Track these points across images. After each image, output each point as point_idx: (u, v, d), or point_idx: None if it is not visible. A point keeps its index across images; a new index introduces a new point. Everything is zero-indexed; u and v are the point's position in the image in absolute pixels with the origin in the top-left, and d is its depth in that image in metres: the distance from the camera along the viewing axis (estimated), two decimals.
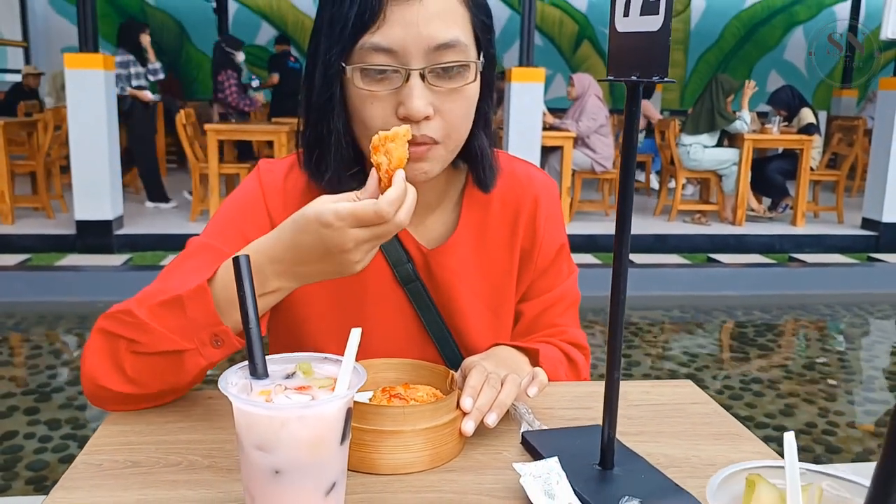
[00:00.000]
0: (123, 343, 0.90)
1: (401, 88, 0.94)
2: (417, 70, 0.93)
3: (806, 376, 4.17)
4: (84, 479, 0.79)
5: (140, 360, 0.90)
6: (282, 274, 0.86)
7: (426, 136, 0.95)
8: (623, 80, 0.73)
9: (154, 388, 0.92)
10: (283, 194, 1.09)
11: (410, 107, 0.93)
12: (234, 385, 0.65)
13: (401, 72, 0.93)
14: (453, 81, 0.96)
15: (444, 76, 0.95)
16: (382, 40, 0.92)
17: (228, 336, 0.87)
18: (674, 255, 6.45)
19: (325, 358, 0.70)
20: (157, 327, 0.87)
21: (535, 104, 6.25)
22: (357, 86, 0.95)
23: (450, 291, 1.13)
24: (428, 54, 0.93)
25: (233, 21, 12.25)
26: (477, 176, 1.09)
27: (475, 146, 1.06)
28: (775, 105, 7.45)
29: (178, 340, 0.87)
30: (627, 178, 0.74)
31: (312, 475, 0.62)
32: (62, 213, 6.78)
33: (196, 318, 0.86)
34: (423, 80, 0.94)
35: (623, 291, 0.75)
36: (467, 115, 1.00)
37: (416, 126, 0.94)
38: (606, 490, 0.76)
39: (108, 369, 0.92)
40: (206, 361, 0.88)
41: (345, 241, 0.80)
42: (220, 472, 0.81)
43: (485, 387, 0.88)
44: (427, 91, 0.94)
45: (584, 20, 13.00)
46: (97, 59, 5.80)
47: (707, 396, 1.05)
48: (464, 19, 0.96)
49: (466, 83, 0.97)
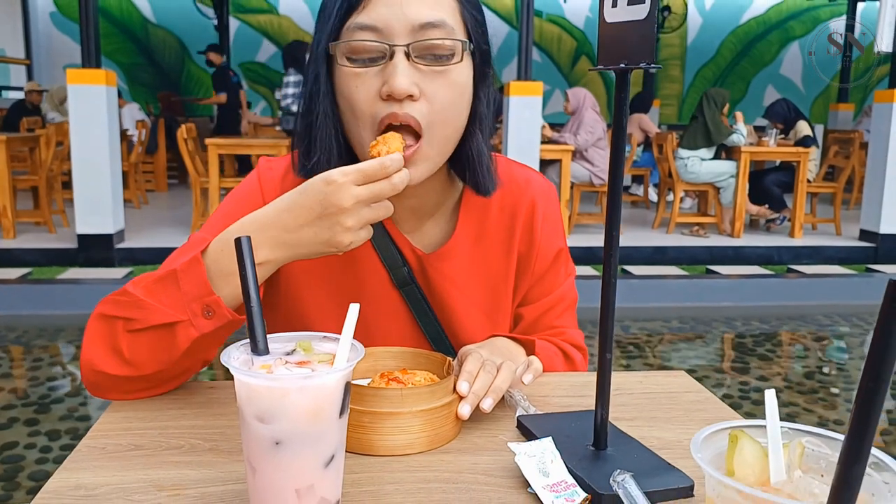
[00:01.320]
0: (120, 323, 0.92)
1: (385, 67, 0.95)
2: (402, 46, 0.94)
3: (805, 386, 4.18)
4: (88, 461, 0.80)
5: (135, 339, 0.91)
6: (270, 242, 0.88)
7: (409, 115, 0.95)
8: (612, 69, 0.75)
9: (149, 367, 0.93)
10: (280, 192, 1.10)
11: (393, 84, 0.93)
12: (237, 359, 0.67)
13: (385, 50, 0.95)
14: (440, 63, 0.96)
15: (429, 57, 0.96)
16: (367, 19, 0.94)
17: (219, 306, 0.88)
18: (673, 267, 6.47)
19: (325, 337, 0.72)
20: (152, 302, 0.89)
21: (533, 118, 6.30)
22: (343, 65, 0.97)
23: (446, 295, 1.14)
24: (413, 32, 0.95)
25: (234, 38, 12.34)
26: (474, 180, 1.08)
27: (470, 147, 1.05)
28: (772, 118, 7.50)
29: (171, 313, 0.88)
30: (617, 161, 0.76)
31: (312, 446, 0.64)
32: (63, 228, 6.81)
33: (189, 291, 0.88)
34: (408, 58, 0.95)
35: (614, 271, 0.77)
36: (455, 102, 0.99)
37: (400, 105, 0.94)
38: (600, 468, 0.78)
39: (105, 352, 0.93)
40: (198, 332, 0.88)
41: (342, 200, 0.83)
42: (222, 455, 0.82)
43: (481, 372, 0.90)
44: (412, 70, 0.95)
45: (583, 36, 13.09)
46: (99, 74, 5.84)
47: (700, 386, 1.07)
48: (451, 7, 0.98)
49: (452, 63, 0.97)
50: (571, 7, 12.82)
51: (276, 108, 12.64)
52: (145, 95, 12.22)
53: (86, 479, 0.77)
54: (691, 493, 0.76)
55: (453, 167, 1.11)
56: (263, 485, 0.65)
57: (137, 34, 12.48)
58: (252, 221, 0.89)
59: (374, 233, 1.11)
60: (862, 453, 0.42)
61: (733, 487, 0.45)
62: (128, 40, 12.48)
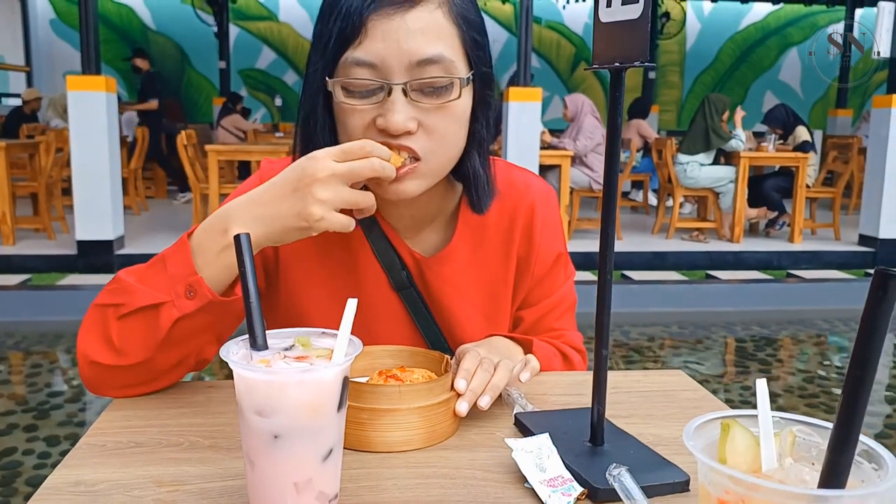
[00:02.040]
0: (110, 311, 0.93)
1: (383, 102, 0.95)
2: (399, 85, 0.94)
3: (806, 390, 4.18)
4: (88, 458, 0.81)
5: (124, 324, 0.92)
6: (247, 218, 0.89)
7: (408, 146, 0.95)
8: (607, 67, 0.76)
9: (137, 355, 0.93)
10: None
11: (390, 120, 0.93)
12: (236, 354, 0.68)
13: (383, 86, 0.94)
14: (438, 97, 0.96)
15: (427, 92, 0.95)
16: (363, 55, 0.93)
17: (201, 286, 0.89)
18: (672, 273, 6.48)
19: (324, 333, 0.73)
20: (140, 287, 0.90)
21: (532, 123, 6.32)
22: (339, 100, 0.96)
23: (445, 299, 1.15)
24: (410, 69, 0.94)
25: (233, 45, 12.38)
26: (470, 198, 1.09)
27: (468, 167, 1.05)
28: (771, 123, 7.52)
29: (155, 294, 0.90)
30: (613, 159, 0.77)
31: (310, 440, 0.64)
32: (63, 234, 6.81)
33: (175, 273, 0.89)
34: (405, 95, 0.94)
35: (610, 265, 0.78)
36: (455, 132, 0.99)
37: (397, 139, 0.95)
38: (596, 463, 0.78)
39: (97, 341, 0.94)
40: (179, 312, 0.89)
41: (318, 170, 0.85)
42: (221, 451, 0.83)
43: (478, 370, 0.91)
44: (410, 106, 0.95)
45: (581, 43, 13.14)
46: (99, 80, 5.86)
47: (697, 384, 1.08)
48: (451, 36, 0.96)
49: (450, 100, 0.96)
50: (570, 13, 12.87)
51: (275, 114, 12.68)
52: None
53: (85, 475, 0.77)
54: (687, 488, 0.76)
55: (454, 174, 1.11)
56: (262, 479, 0.65)
57: (137, 41, 12.52)
58: (236, 202, 0.91)
59: (373, 237, 1.12)
60: (850, 440, 0.43)
61: (725, 474, 0.46)
62: (128, 47, 12.51)
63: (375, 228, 1.12)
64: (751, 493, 0.45)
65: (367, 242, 1.12)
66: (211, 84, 12.63)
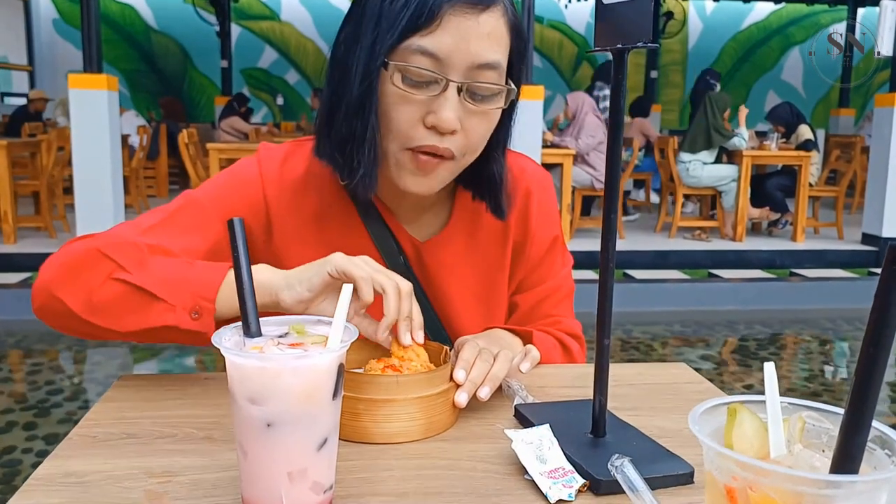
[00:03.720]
0: (111, 266, 0.90)
1: (435, 98, 0.94)
2: (456, 83, 0.93)
3: (809, 389, 4.16)
4: (79, 449, 0.79)
5: (116, 289, 0.89)
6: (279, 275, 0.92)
7: (448, 149, 0.96)
8: (609, 49, 0.74)
9: (105, 322, 0.91)
10: (279, 181, 1.10)
11: (442, 117, 0.93)
12: (228, 340, 0.66)
13: (440, 81, 0.93)
14: (485, 103, 0.97)
15: (477, 96, 0.96)
16: (431, 45, 0.92)
17: (209, 315, 0.87)
18: (675, 272, 6.45)
19: (319, 320, 0.71)
20: (156, 268, 0.89)
21: (534, 122, 6.29)
22: (395, 84, 0.94)
23: (442, 285, 1.14)
24: (470, 70, 0.94)
25: (235, 45, 12.37)
26: (495, 203, 1.08)
27: (494, 172, 1.06)
28: (774, 121, 7.49)
29: (162, 288, 0.88)
30: (616, 142, 0.75)
31: (304, 428, 0.63)
32: (64, 233, 6.80)
33: (194, 282, 0.88)
34: (459, 93, 0.94)
35: (612, 252, 0.76)
36: (486, 136, 1.01)
37: (441, 138, 0.95)
38: (598, 455, 0.76)
39: (75, 284, 0.91)
40: (174, 322, 0.88)
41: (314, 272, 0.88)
42: (216, 443, 0.81)
43: (477, 360, 0.89)
44: (459, 106, 0.95)
45: (584, 42, 13.12)
46: (101, 79, 5.85)
47: (701, 377, 1.06)
48: (506, 45, 0.97)
49: (497, 107, 0.98)
50: (572, 13, 12.84)
51: (277, 113, 12.67)
52: (147, 102, 12.25)
53: (76, 466, 0.76)
54: (691, 480, 0.74)
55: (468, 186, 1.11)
56: (255, 468, 0.64)
57: (140, 41, 12.52)
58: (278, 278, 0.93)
59: (370, 221, 1.10)
60: (863, 422, 0.41)
61: (733, 459, 0.44)
62: (130, 47, 12.52)
63: (373, 212, 1.11)
64: (760, 478, 0.44)
65: (363, 227, 1.11)
66: (213, 84, 12.63)
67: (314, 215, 1.09)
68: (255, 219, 1.08)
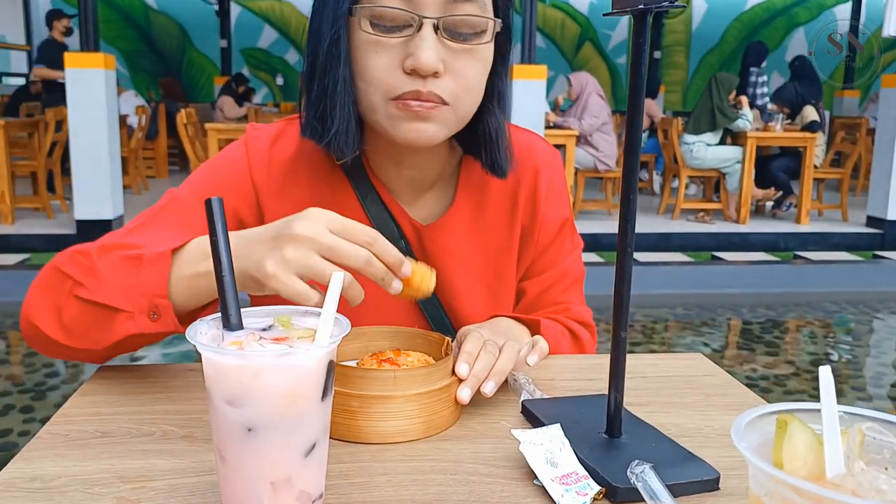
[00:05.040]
0: (69, 283, 0.84)
1: (411, 39, 0.87)
2: (431, 19, 0.87)
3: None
4: (47, 449, 0.73)
5: (78, 307, 0.83)
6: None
7: (433, 93, 0.88)
8: (629, 11, 0.67)
9: (80, 341, 0.85)
10: (267, 164, 1.03)
11: (419, 58, 0.86)
12: (204, 334, 0.59)
13: (413, 20, 0.87)
14: (469, 39, 0.89)
15: (458, 33, 0.89)
16: None
17: (167, 312, 0.80)
18: (678, 254, 6.39)
19: (307, 311, 0.64)
20: (108, 277, 0.81)
21: (537, 102, 6.20)
22: (365, 31, 0.88)
23: (445, 270, 1.06)
24: (445, 4, 0.87)
25: (235, 24, 12.24)
26: (491, 160, 1.00)
27: (489, 124, 0.98)
28: (779, 102, 7.39)
29: (118, 297, 0.81)
30: (636, 117, 0.68)
31: (289, 433, 0.56)
32: (62, 214, 6.74)
33: (144, 283, 0.80)
34: (436, 31, 0.87)
35: (631, 237, 0.69)
36: (480, 80, 0.93)
37: (424, 82, 0.88)
38: (614, 457, 0.70)
39: (45, 308, 0.86)
40: (136, 329, 0.81)
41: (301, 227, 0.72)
42: (196, 443, 0.75)
43: (482, 353, 0.82)
44: (439, 45, 0.88)
45: (586, 22, 12.97)
46: (98, 58, 5.75)
47: (720, 369, 0.99)
48: None
49: (482, 43, 0.90)
50: None
51: (277, 93, 12.56)
52: (146, 82, 12.14)
53: (44, 468, 0.69)
54: (717, 486, 0.68)
55: (466, 145, 1.04)
56: (235, 477, 0.57)
57: (138, 21, 12.39)
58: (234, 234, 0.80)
59: (369, 203, 1.04)
60: None
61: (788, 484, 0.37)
62: (129, 27, 12.39)
63: (371, 193, 1.03)
64: None
65: (361, 209, 1.03)
66: (212, 63, 12.51)
67: (307, 197, 1.02)
68: (245, 205, 1.02)
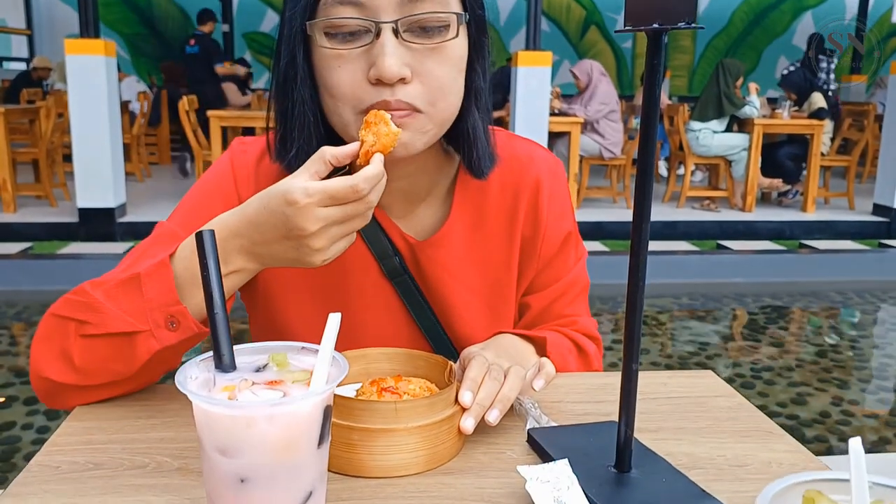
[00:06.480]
0: (73, 326, 0.82)
1: (372, 47, 0.83)
2: (389, 23, 0.82)
3: (819, 364, 4.08)
4: (37, 484, 0.70)
5: (88, 345, 0.81)
6: (243, 251, 0.78)
7: (402, 101, 0.84)
8: (643, 29, 0.63)
9: (100, 378, 0.83)
10: (254, 178, 0.99)
11: (382, 66, 0.81)
12: (195, 379, 0.56)
13: (370, 27, 0.82)
14: (432, 38, 0.85)
15: (420, 32, 0.84)
16: None
17: (185, 317, 0.78)
18: (683, 242, 6.35)
19: (304, 348, 0.61)
20: (111, 307, 0.79)
21: (542, 89, 6.14)
22: (323, 46, 0.84)
23: (442, 286, 1.03)
24: (401, 5, 0.82)
25: (237, 8, 12.14)
26: (468, 159, 0.96)
27: (466, 124, 0.93)
28: (787, 87, 7.31)
29: (131, 321, 0.78)
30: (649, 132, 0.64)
31: (284, 483, 0.53)
32: (64, 201, 6.71)
33: (153, 298, 0.78)
34: (396, 36, 0.83)
35: (642, 272, 0.66)
36: (453, 79, 0.88)
37: (392, 91, 0.83)
38: (624, 496, 0.67)
39: (53, 358, 0.84)
40: (160, 345, 0.78)
41: (306, 223, 0.72)
42: (190, 476, 0.72)
43: (486, 379, 0.79)
44: (402, 49, 0.83)
45: (592, 5, 12.84)
46: (98, 44, 5.70)
47: (731, 389, 0.96)
48: None
49: (446, 39, 0.85)
50: None
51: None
52: (148, 66, 12.06)
53: None
54: None
55: (452, 143, 0.99)
56: None
57: (140, 4, 12.29)
58: (224, 227, 0.78)
59: None
60: None
61: None
62: (130, 10, 12.29)
63: None
64: None
65: None
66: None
67: None
68: None
